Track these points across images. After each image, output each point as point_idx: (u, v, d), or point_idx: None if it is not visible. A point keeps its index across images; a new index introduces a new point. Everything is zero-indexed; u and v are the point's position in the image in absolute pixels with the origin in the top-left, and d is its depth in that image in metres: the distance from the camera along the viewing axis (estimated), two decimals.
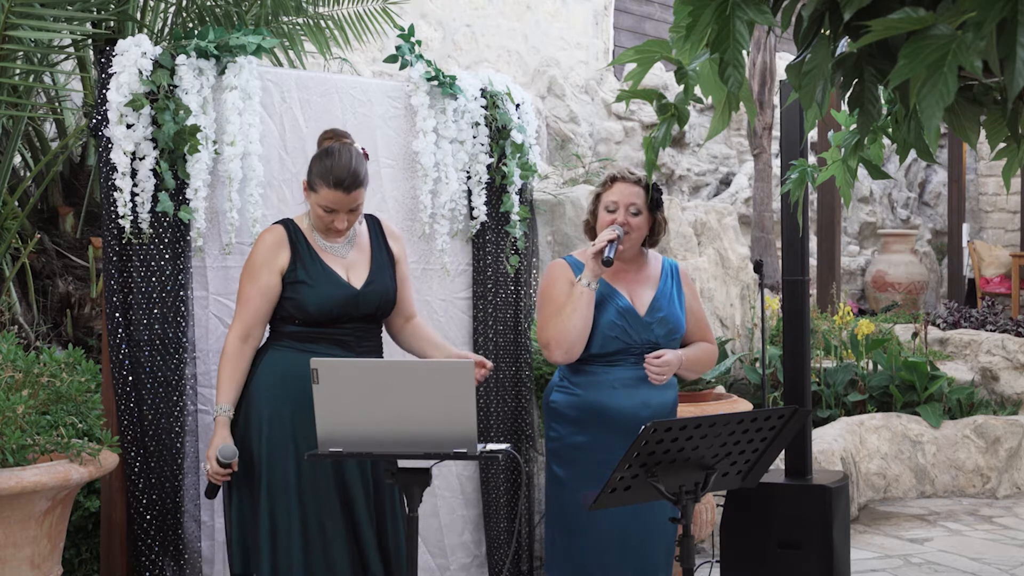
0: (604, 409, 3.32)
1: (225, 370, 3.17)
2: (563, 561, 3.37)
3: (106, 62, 3.37)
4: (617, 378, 3.34)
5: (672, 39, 2.10)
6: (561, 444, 3.37)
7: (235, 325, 3.20)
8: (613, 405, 3.32)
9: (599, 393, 3.33)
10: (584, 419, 3.33)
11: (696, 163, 10.67)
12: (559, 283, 3.37)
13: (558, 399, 3.39)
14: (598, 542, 3.31)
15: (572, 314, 3.27)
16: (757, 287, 7.02)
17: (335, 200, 3.15)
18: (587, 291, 3.28)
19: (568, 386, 3.38)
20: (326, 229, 3.22)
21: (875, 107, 1.95)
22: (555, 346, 3.29)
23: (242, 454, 3.17)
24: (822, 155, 2.76)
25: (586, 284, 3.27)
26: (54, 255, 4.74)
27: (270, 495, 3.14)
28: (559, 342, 3.29)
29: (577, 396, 3.35)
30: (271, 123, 3.67)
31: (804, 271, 4.10)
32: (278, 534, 3.13)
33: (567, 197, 6.48)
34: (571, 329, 3.27)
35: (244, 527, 3.18)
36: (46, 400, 3.19)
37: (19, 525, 2.96)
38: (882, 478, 6.34)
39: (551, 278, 3.42)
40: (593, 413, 3.32)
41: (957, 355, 7.59)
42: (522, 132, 4.11)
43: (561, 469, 3.37)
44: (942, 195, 12.18)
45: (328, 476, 3.16)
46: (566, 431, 3.36)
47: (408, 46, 3.93)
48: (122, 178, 3.34)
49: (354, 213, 3.21)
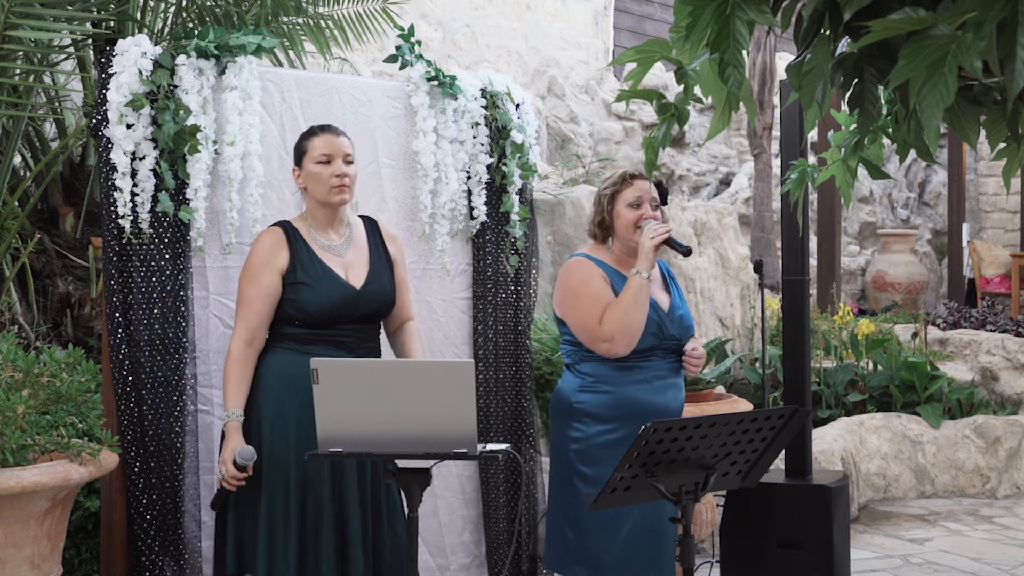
0: (641, 404, 3.35)
1: (232, 374, 3.17)
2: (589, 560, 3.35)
3: (106, 62, 3.37)
4: (652, 374, 3.39)
5: (672, 39, 2.10)
6: (588, 444, 3.35)
7: (239, 329, 3.20)
8: (649, 400, 3.36)
9: (636, 389, 3.37)
10: (618, 416, 3.34)
11: (696, 163, 10.67)
12: (595, 279, 3.41)
13: (586, 399, 3.38)
14: (628, 538, 3.32)
15: (635, 306, 3.31)
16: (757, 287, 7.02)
17: (327, 144, 3.24)
18: (646, 283, 3.33)
19: (596, 384, 3.38)
20: (330, 188, 3.24)
21: (875, 107, 1.95)
22: (620, 338, 3.31)
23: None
24: (822, 155, 2.76)
25: (646, 276, 3.32)
26: (54, 255, 4.74)
27: (269, 497, 3.14)
28: (624, 334, 3.31)
29: (609, 394, 3.36)
30: (271, 123, 3.67)
31: (804, 271, 4.10)
32: (276, 535, 3.13)
33: (567, 197, 6.48)
34: (636, 321, 3.31)
35: (241, 527, 3.18)
36: (46, 400, 3.19)
37: (19, 525, 2.96)
38: (882, 478, 6.35)
39: (585, 275, 3.43)
40: (629, 409, 3.34)
41: (957, 355, 7.59)
42: (522, 132, 4.11)
43: (589, 468, 3.34)
44: (942, 195, 12.18)
45: (326, 477, 3.16)
46: (594, 430, 3.35)
47: (408, 46, 3.93)
48: (122, 178, 3.34)
49: (351, 166, 3.26)
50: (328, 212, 3.30)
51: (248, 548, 3.16)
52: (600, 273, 3.41)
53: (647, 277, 3.32)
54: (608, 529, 3.33)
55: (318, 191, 3.26)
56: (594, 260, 3.45)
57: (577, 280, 3.44)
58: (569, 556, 3.41)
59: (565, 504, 3.42)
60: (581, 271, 3.45)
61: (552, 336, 5.46)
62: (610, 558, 3.33)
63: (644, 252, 3.33)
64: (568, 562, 3.41)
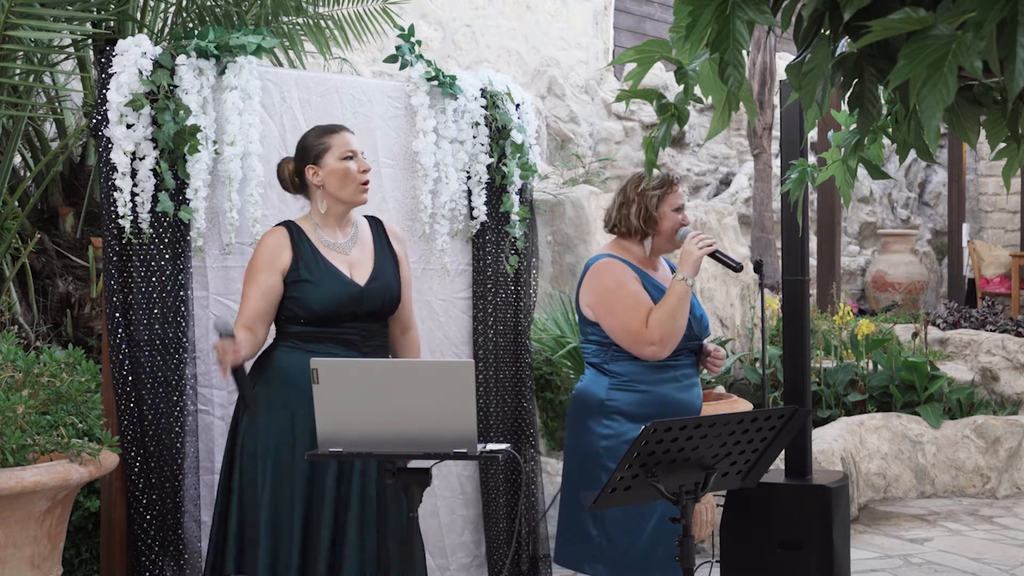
0: (672, 403, 3.45)
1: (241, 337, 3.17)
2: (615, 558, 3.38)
3: (106, 62, 3.37)
4: (681, 372, 3.51)
5: (672, 39, 2.10)
6: (618, 441, 3.39)
7: (236, 321, 3.21)
8: (679, 398, 3.47)
9: (667, 388, 3.46)
10: (650, 414, 3.37)
11: (696, 163, 10.67)
12: (631, 281, 3.47)
13: (619, 397, 3.44)
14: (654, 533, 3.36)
15: (681, 311, 3.42)
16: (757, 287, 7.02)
17: (350, 141, 3.29)
18: (689, 289, 3.43)
19: (630, 383, 3.44)
20: (357, 186, 3.27)
21: (875, 107, 1.95)
22: (667, 341, 3.41)
23: (247, 454, 3.17)
24: (822, 155, 2.75)
25: (691, 283, 3.43)
26: (54, 255, 4.74)
27: (274, 497, 3.14)
28: (670, 338, 3.41)
29: (644, 392, 3.44)
30: (271, 123, 3.67)
31: (804, 271, 4.10)
32: (280, 536, 3.13)
33: (567, 197, 6.48)
34: (681, 326, 3.43)
35: (242, 528, 3.17)
36: (46, 400, 3.19)
37: (19, 525, 2.96)
38: (882, 478, 6.34)
39: (620, 277, 3.48)
40: (660, 407, 3.41)
41: (957, 355, 7.59)
42: (522, 132, 4.11)
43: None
44: (942, 195, 12.18)
45: (329, 477, 3.16)
46: (625, 428, 3.40)
47: (408, 46, 3.93)
48: (122, 178, 3.34)
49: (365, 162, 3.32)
50: (341, 210, 3.30)
51: (249, 549, 3.16)
52: (633, 275, 3.48)
53: (691, 283, 3.44)
54: (635, 526, 3.36)
55: (344, 188, 3.26)
56: (623, 261, 3.51)
57: (612, 282, 3.47)
58: (591, 554, 3.43)
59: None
60: (615, 273, 3.48)
61: (552, 336, 5.46)
62: (635, 554, 3.37)
63: (691, 260, 3.44)
64: (590, 560, 3.44)
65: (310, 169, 3.28)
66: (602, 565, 3.40)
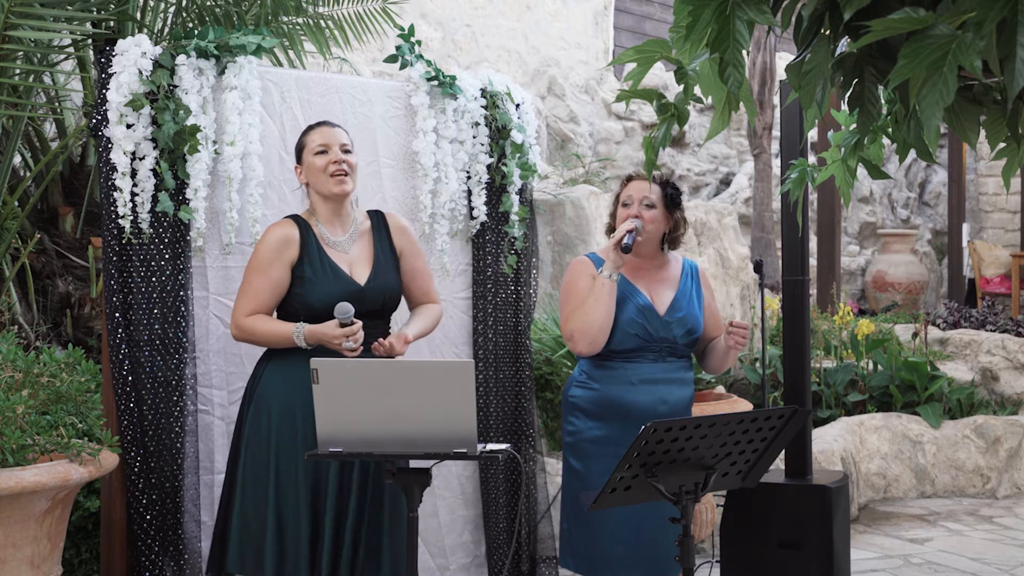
0: (622, 404, 3.38)
1: (258, 325, 3.18)
2: (577, 553, 3.42)
3: (106, 62, 3.37)
4: (635, 374, 3.41)
5: (672, 39, 2.10)
6: (578, 438, 3.42)
7: (239, 308, 3.21)
8: (631, 401, 3.38)
9: (618, 389, 3.40)
10: (603, 414, 3.39)
11: (696, 163, 10.67)
12: (582, 278, 3.45)
13: (578, 394, 3.45)
14: (612, 534, 3.35)
15: (595, 305, 3.34)
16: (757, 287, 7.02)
17: (323, 136, 3.28)
18: (608, 283, 3.35)
19: (587, 381, 3.44)
20: (330, 176, 3.26)
21: (875, 107, 1.95)
22: (579, 337, 3.36)
23: (249, 453, 3.17)
24: (822, 155, 2.75)
25: (607, 276, 3.35)
26: (54, 255, 4.74)
27: (279, 496, 3.14)
28: (583, 333, 3.35)
29: (596, 391, 3.42)
30: (271, 123, 3.67)
31: (804, 271, 4.10)
32: (286, 535, 3.13)
33: (567, 197, 6.48)
34: (594, 321, 3.33)
35: (247, 528, 3.17)
36: (46, 400, 3.19)
37: (19, 525, 2.96)
38: (882, 478, 6.34)
39: (574, 274, 3.50)
40: (611, 408, 3.38)
41: (957, 355, 7.59)
42: (522, 132, 4.11)
43: (578, 462, 3.42)
44: (942, 195, 12.19)
45: (332, 476, 3.16)
46: (584, 425, 3.41)
47: (408, 46, 3.93)
48: (122, 178, 3.34)
49: (349, 155, 3.29)
50: (332, 206, 3.30)
51: (254, 548, 3.16)
52: (592, 272, 3.44)
53: (608, 276, 3.34)
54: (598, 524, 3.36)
55: (319, 182, 3.28)
56: (596, 259, 3.49)
57: (568, 278, 3.53)
58: (563, 547, 3.49)
59: (562, 496, 3.51)
60: (574, 269, 3.52)
61: (552, 336, 5.46)
62: (594, 552, 3.38)
63: (608, 253, 3.37)
64: (563, 554, 3.49)
65: (296, 169, 3.36)
66: (571, 559, 3.45)
